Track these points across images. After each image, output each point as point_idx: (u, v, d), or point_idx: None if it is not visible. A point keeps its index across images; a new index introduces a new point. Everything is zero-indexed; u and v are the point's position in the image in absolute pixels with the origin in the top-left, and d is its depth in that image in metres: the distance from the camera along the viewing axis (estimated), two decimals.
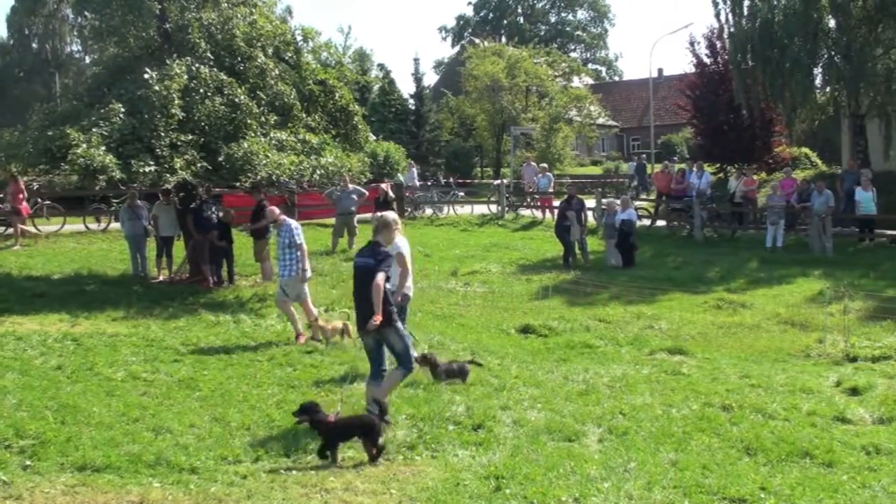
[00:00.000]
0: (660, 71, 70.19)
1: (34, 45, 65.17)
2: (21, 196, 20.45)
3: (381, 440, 7.51)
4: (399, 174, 33.79)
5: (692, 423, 8.68)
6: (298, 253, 12.31)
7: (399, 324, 8.53)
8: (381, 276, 8.07)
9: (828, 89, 27.40)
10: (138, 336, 12.09)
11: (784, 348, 13.12)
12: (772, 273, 19.12)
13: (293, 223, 12.68)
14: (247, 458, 7.40)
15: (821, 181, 23.75)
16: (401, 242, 9.73)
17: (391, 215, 8.88)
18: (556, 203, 25.48)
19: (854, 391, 10.20)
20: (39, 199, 23.32)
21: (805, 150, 36.34)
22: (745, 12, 25.71)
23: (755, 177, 27.09)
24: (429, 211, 29.97)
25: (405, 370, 8.59)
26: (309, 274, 12.66)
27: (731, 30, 26.65)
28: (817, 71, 26.30)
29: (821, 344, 13.11)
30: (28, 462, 7.10)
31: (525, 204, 30.28)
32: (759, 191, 26.55)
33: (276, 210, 13.07)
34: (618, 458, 7.53)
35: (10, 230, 21.99)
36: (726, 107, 30.98)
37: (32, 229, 21.45)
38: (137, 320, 13.25)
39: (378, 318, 7.99)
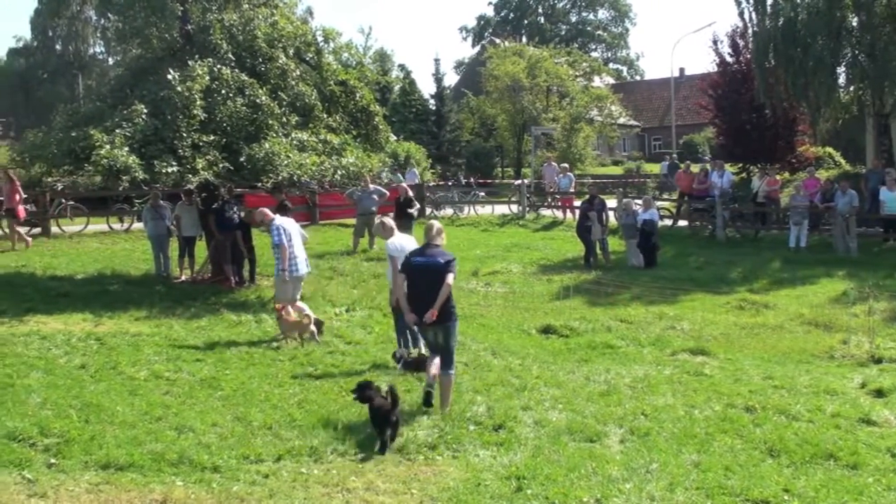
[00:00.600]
0: (681, 70, 70.01)
1: (58, 47, 65.71)
2: (17, 197, 20.22)
3: (390, 434, 7.79)
4: (400, 174, 33.73)
5: (715, 424, 8.63)
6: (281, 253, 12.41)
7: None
8: (451, 277, 8.91)
9: (851, 88, 27.17)
10: (161, 336, 12.16)
11: (808, 349, 13.00)
12: (795, 273, 18.97)
13: (277, 224, 12.65)
14: (269, 457, 7.42)
15: (845, 181, 23.54)
16: (395, 242, 10.74)
17: (436, 223, 9.63)
18: (578, 203, 25.44)
19: (879, 393, 10.08)
20: (63, 200, 23.51)
21: (829, 149, 36.06)
22: (769, 11, 25.53)
23: (778, 176, 26.90)
24: (449, 211, 29.97)
25: (450, 369, 9.08)
26: (296, 274, 12.67)
27: (754, 29, 26.49)
28: (841, 70, 26.07)
29: (845, 345, 12.98)
30: (53, 460, 7.16)
31: (546, 204, 30.24)
32: (783, 191, 26.36)
33: (265, 210, 13.18)
34: (640, 459, 7.51)
35: (37, 230, 22.19)
36: (749, 106, 30.79)
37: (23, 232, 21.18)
38: (160, 320, 13.32)
39: (434, 314, 8.77)
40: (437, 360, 8.92)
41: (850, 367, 11.76)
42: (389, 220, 11.41)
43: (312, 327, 12.10)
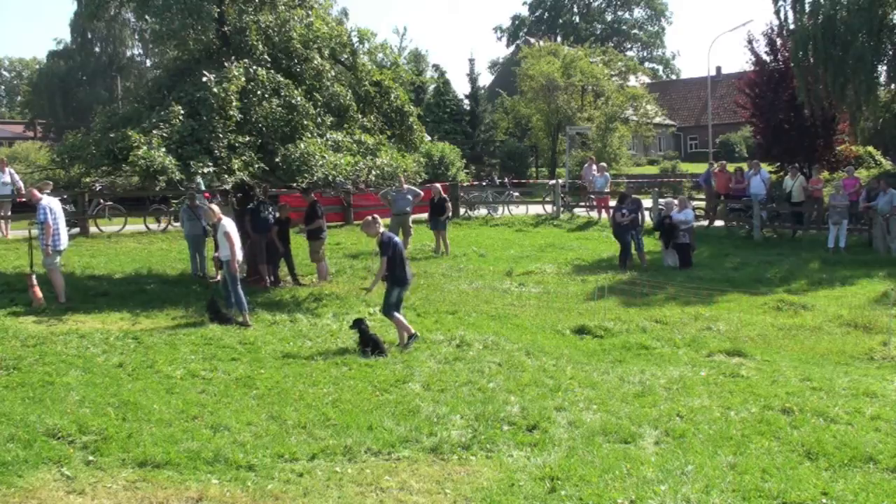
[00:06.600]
0: (718, 69, 69.50)
1: (97, 50, 66.45)
2: None
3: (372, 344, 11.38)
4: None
5: (751, 426, 8.54)
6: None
7: None
8: None
9: (893, 86, 26.78)
10: (197, 335, 12.26)
11: (847, 351, 12.83)
12: (834, 274, 18.75)
13: (44, 204, 13.99)
14: (303, 456, 7.46)
15: (884, 180, 23.18)
16: (226, 223, 13.37)
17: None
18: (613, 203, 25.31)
19: None
20: (102, 200, 23.81)
21: (869, 148, 35.57)
22: (807, 9, 25.24)
23: (820, 175, 26.56)
24: (483, 211, 29.95)
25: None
26: (59, 247, 14.18)
27: (793, 27, 26.21)
28: (882, 68, 25.72)
29: (885, 347, 12.80)
30: (91, 457, 7.26)
31: (584, 204, 30.11)
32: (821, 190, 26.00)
33: (33, 190, 14.55)
34: (675, 461, 7.44)
35: (77, 230, 22.48)
36: (786, 105, 30.46)
37: None
38: (196, 319, 13.44)
39: None
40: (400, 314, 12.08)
41: (891, 369, 11.58)
42: (215, 206, 13.95)
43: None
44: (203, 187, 18.31)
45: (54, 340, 11.56)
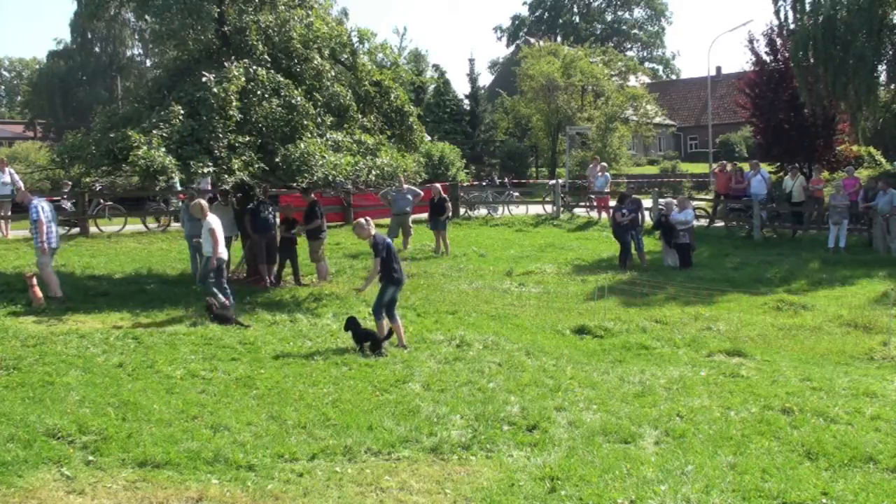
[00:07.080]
0: (718, 69, 69.48)
1: (97, 50, 66.41)
2: None
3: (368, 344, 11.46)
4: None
5: (751, 426, 8.54)
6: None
7: None
8: None
9: (893, 86, 26.75)
10: (197, 335, 12.25)
11: (847, 351, 12.83)
12: (834, 274, 18.75)
13: (35, 203, 14.24)
14: (303, 455, 7.45)
15: (883, 180, 23.17)
16: (212, 220, 13.80)
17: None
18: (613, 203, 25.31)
19: None
20: (101, 200, 23.80)
21: (870, 148, 35.51)
22: (807, 9, 25.22)
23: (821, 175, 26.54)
24: (483, 211, 29.94)
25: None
26: (52, 245, 14.37)
27: (793, 27, 26.18)
28: (882, 68, 25.70)
29: (885, 347, 12.80)
30: (91, 457, 7.25)
31: (584, 204, 30.09)
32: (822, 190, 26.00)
33: (26, 192, 15.12)
34: (675, 461, 7.44)
35: (76, 230, 22.49)
36: (786, 105, 30.43)
37: None
38: (196, 319, 13.44)
39: None
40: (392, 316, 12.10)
41: (891, 369, 11.59)
42: (204, 202, 14.30)
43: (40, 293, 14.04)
44: (179, 187, 18.32)
45: (54, 340, 11.55)
